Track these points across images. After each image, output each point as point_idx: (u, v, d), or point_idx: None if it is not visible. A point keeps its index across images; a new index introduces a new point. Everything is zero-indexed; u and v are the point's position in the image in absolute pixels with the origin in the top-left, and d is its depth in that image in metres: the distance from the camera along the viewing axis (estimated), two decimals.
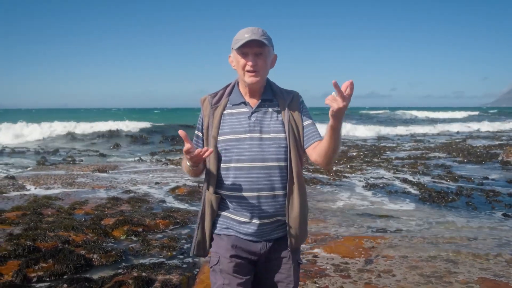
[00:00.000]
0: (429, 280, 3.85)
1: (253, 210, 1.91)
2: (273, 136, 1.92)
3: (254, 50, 1.88)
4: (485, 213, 6.52)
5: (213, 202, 1.96)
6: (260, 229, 1.94)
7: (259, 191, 1.90)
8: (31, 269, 4.01)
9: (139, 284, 3.71)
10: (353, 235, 5.24)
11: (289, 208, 1.92)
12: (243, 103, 1.97)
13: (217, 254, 1.98)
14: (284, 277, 2.00)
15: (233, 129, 1.93)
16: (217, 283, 1.97)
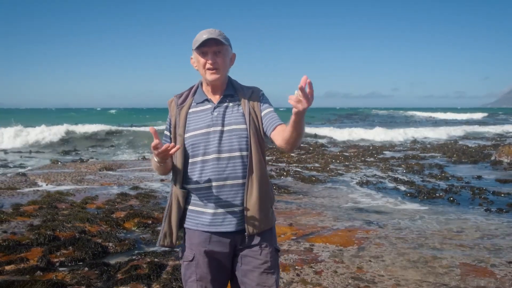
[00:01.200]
0: (415, 265, 4.25)
1: (219, 201, 1.98)
2: (234, 127, 2.00)
3: (212, 49, 1.99)
4: (470, 209, 6.92)
5: (179, 197, 2.02)
6: (228, 218, 1.99)
7: (224, 180, 1.97)
8: (54, 255, 4.41)
9: (152, 267, 4.11)
10: (347, 228, 5.64)
11: (247, 195, 1.98)
12: (206, 100, 2.08)
13: (191, 250, 2.04)
14: (260, 263, 2.03)
15: (198, 125, 2.02)
16: (191, 277, 2.03)
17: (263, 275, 2.02)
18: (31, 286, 3.59)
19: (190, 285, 2.04)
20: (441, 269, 4.15)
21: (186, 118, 2.06)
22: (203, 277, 2.02)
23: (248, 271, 2.04)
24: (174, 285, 3.78)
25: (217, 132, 1.99)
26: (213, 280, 2.04)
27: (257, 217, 1.99)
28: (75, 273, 3.97)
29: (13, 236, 4.86)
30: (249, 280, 2.03)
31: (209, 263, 2.02)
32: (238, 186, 1.99)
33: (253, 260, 2.03)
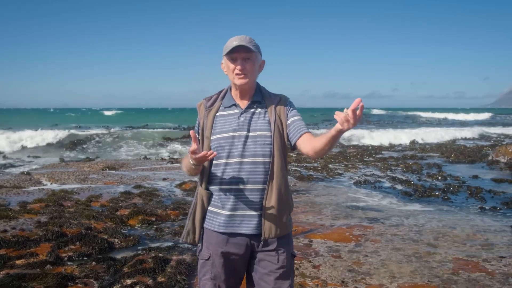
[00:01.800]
0: (410, 259, 4.42)
1: (239, 203, 2.04)
2: (259, 134, 2.06)
3: (242, 55, 2.05)
4: (465, 207, 7.08)
5: (204, 197, 2.09)
6: (246, 221, 2.05)
7: (245, 184, 2.03)
8: (62, 250, 4.58)
9: (157, 262, 4.27)
10: (345, 225, 5.81)
11: (266, 200, 2.03)
12: (234, 105, 2.13)
13: (208, 250, 2.10)
14: (275, 268, 2.08)
15: (223, 128, 2.08)
16: (206, 276, 2.11)
17: (279, 280, 2.07)
18: (42, 279, 3.76)
19: (204, 282, 2.13)
20: (434, 263, 4.32)
21: (213, 121, 2.11)
22: (217, 276, 2.09)
23: (264, 274, 2.09)
24: (179, 278, 3.94)
25: (242, 137, 2.05)
26: (226, 280, 2.10)
27: (274, 222, 2.03)
28: (83, 267, 4.14)
29: (21, 232, 5.02)
30: (265, 283, 2.09)
31: (224, 264, 2.08)
32: (258, 191, 2.04)
33: (270, 265, 2.08)
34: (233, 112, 2.11)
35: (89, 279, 3.90)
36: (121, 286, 3.73)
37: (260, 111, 2.11)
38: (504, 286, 3.74)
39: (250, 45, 2.03)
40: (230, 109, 2.13)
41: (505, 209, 6.84)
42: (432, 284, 3.79)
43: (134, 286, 3.71)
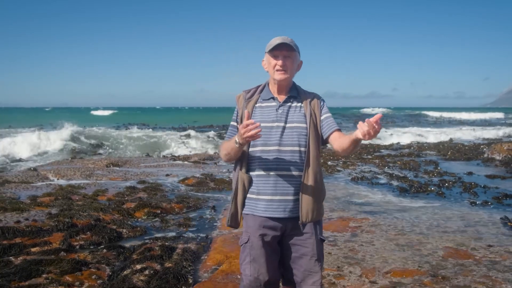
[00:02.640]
0: (402, 248, 4.69)
1: (276, 189, 2.19)
2: (296, 125, 2.24)
3: (283, 53, 2.23)
4: (458, 201, 7.32)
5: (245, 181, 2.23)
6: (284, 206, 2.19)
7: (283, 170, 2.19)
8: (74, 239, 4.84)
9: (164, 249, 4.53)
10: (342, 218, 6.08)
11: (303, 187, 2.18)
12: (272, 98, 2.30)
13: (247, 233, 2.26)
14: (308, 251, 2.23)
15: (263, 118, 2.25)
16: (245, 260, 2.26)
17: (310, 262, 2.22)
18: (57, 264, 4.02)
19: (245, 267, 2.26)
20: (425, 251, 4.58)
21: (252, 111, 2.28)
22: (256, 259, 2.21)
23: (296, 258, 2.24)
24: (185, 264, 4.21)
25: (280, 127, 2.22)
26: (267, 262, 2.22)
27: (311, 207, 2.19)
28: (95, 254, 4.41)
29: (34, 223, 5.29)
30: (298, 266, 2.24)
31: (263, 245, 2.21)
32: (295, 177, 2.19)
33: (301, 248, 2.23)
34: (271, 105, 2.29)
35: (101, 265, 4.16)
36: (132, 270, 3.99)
37: (296, 105, 2.29)
38: (490, 271, 4.00)
39: (292, 44, 2.22)
40: (268, 102, 2.30)
41: (495, 203, 7.09)
42: (422, 269, 4.05)
43: (143, 271, 3.97)
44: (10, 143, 16.49)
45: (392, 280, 3.80)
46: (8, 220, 5.32)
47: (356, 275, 3.93)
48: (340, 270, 4.05)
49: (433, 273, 3.96)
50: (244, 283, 2.27)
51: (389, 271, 4.02)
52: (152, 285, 3.65)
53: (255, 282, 2.22)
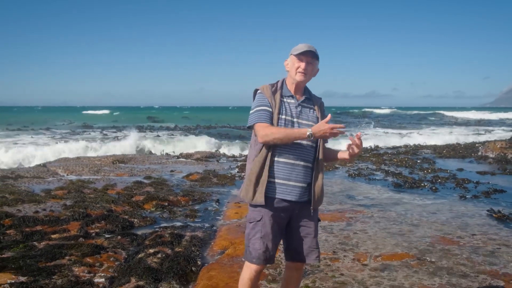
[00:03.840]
0: (393, 236, 5.08)
1: (292, 175, 2.50)
2: (311, 123, 2.55)
3: (308, 59, 2.55)
4: (449, 196, 7.70)
5: (270, 165, 2.49)
6: (297, 191, 2.50)
7: (299, 161, 2.51)
8: (90, 227, 5.23)
9: (173, 236, 4.93)
10: (338, 210, 6.47)
11: (314, 177, 2.55)
12: (291, 96, 2.60)
13: (260, 212, 2.52)
14: (311, 230, 2.61)
15: (288, 112, 2.55)
16: (256, 235, 2.53)
17: (314, 241, 2.61)
18: (78, 248, 4.41)
19: (254, 241, 2.53)
20: (414, 238, 4.98)
21: (280, 103, 2.55)
22: (266, 235, 2.51)
23: (301, 237, 2.59)
24: (193, 249, 4.60)
25: (300, 123, 2.55)
26: (273, 238, 2.53)
27: (320, 195, 2.56)
28: (110, 240, 4.80)
29: (51, 213, 5.68)
30: (303, 244, 2.59)
31: (272, 224, 2.52)
32: (308, 168, 2.54)
33: (306, 229, 2.59)
34: (291, 101, 2.59)
35: (117, 249, 4.56)
36: (145, 254, 4.38)
37: (310, 106, 2.64)
38: (471, 255, 4.40)
39: (316, 53, 2.56)
40: (289, 98, 2.60)
41: (484, 197, 7.48)
42: (410, 253, 4.45)
43: (156, 254, 4.36)
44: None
45: (382, 263, 4.20)
46: (27, 211, 5.71)
47: (349, 259, 4.32)
48: (335, 254, 4.44)
49: (420, 256, 4.35)
50: (252, 255, 2.54)
51: (380, 255, 4.42)
52: (165, 266, 4.04)
53: (263, 255, 2.51)
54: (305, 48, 2.53)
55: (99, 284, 3.67)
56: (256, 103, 2.57)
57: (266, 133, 2.42)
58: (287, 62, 2.64)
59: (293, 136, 2.43)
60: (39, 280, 3.57)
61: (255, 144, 2.56)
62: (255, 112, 2.53)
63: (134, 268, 3.95)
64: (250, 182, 2.48)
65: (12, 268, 3.77)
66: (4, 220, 5.26)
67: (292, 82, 2.61)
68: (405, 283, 3.69)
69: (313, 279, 3.78)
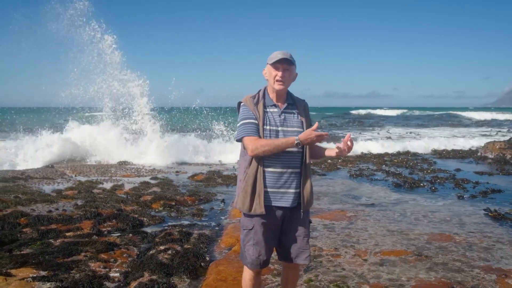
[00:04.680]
0: (392, 233, 5.30)
1: (281, 182, 2.58)
2: (296, 129, 2.62)
3: (284, 66, 2.58)
4: (448, 195, 7.92)
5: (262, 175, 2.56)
6: (287, 197, 2.59)
7: (287, 168, 2.58)
8: (102, 226, 5.47)
9: (182, 234, 5.15)
10: (340, 209, 6.69)
11: (302, 182, 2.62)
12: (274, 105, 2.65)
13: (252, 221, 2.62)
14: (302, 232, 2.69)
15: (271, 122, 2.60)
16: (249, 242, 2.65)
17: (303, 241, 2.70)
18: (92, 245, 4.64)
19: (248, 248, 2.67)
20: (412, 236, 5.20)
21: (264, 114, 2.60)
22: (259, 243, 2.64)
23: (292, 239, 2.69)
24: (202, 246, 4.83)
25: (283, 131, 2.60)
26: (266, 244, 2.65)
27: (308, 198, 2.63)
28: (122, 238, 5.03)
29: (64, 212, 5.92)
30: (293, 245, 2.69)
31: (264, 232, 2.62)
32: (296, 174, 2.61)
33: (297, 231, 2.68)
34: (274, 110, 2.65)
35: (129, 246, 4.79)
36: (156, 250, 4.61)
37: (293, 112, 2.69)
38: (467, 251, 4.62)
39: (291, 59, 2.59)
40: (272, 108, 2.65)
41: (481, 197, 7.70)
42: (409, 250, 4.67)
43: (166, 251, 4.59)
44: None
45: (381, 258, 4.42)
46: (40, 210, 5.96)
47: (350, 255, 4.54)
48: (337, 251, 4.66)
49: (418, 253, 4.57)
50: (247, 260, 2.71)
51: (379, 251, 4.64)
52: (176, 262, 4.26)
53: (256, 260, 2.66)
54: (280, 56, 2.56)
55: (114, 278, 3.91)
56: (241, 116, 2.64)
57: (256, 146, 2.50)
58: (265, 71, 2.68)
59: (281, 146, 2.51)
60: (58, 274, 3.80)
61: (244, 155, 2.64)
62: (242, 125, 2.60)
63: (146, 263, 4.18)
64: (246, 194, 2.56)
65: (32, 263, 4.00)
66: (20, 219, 5.50)
67: (273, 90, 2.66)
68: (403, 277, 3.92)
69: (316, 274, 4.01)
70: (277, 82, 2.60)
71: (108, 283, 3.80)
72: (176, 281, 3.92)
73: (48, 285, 3.57)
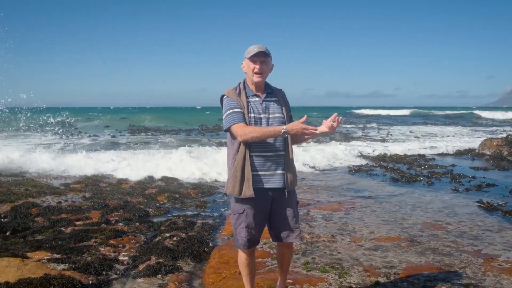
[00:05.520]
0: (387, 222, 5.55)
1: (267, 165, 2.75)
2: (277, 115, 2.80)
3: (260, 59, 2.74)
4: (443, 189, 8.15)
5: (249, 160, 2.71)
6: (273, 179, 2.75)
7: (272, 152, 2.75)
8: (109, 215, 5.73)
9: (186, 223, 5.41)
10: (338, 201, 6.94)
11: (285, 163, 2.78)
12: (255, 95, 2.83)
13: (242, 205, 2.77)
14: (290, 212, 2.85)
15: (255, 110, 2.78)
16: (241, 225, 2.81)
17: (293, 221, 2.86)
18: (102, 232, 4.90)
19: (239, 231, 2.82)
20: (406, 225, 5.45)
21: (248, 103, 2.78)
22: (249, 225, 2.79)
23: (282, 219, 2.85)
24: (205, 233, 5.08)
25: (266, 118, 2.79)
26: (256, 225, 2.82)
27: (292, 178, 2.80)
28: (129, 226, 5.29)
29: (73, 203, 6.19)
30: (284, 225, 2.85)
31: (254, 215, 2.78)
32: (281, 156, 2.77)
33: (285, 211, 2.84)
34: (256, 100, 2.83)
35: (136, 233, 5.05)
36: (162, 237, 4.87)
37: (273, 100, 2.88)
38: (457, 238, 4.86)
39: (267, 52, 2.77)
40: (253, 97, 2.84)
41: (475, 190, 7.92)
42: (402, 236, 4.91)
43: (172, 238, 4.85)
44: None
45: (375, 244, 4.67)
46: (50, 201, 6.22)
47: (346, 241, 4.79)
48: (333, 238, 4.91)
49: (410, 239, 4.82)
50: (239, 242, 2.88)
51: (374, 238, 4.89)
52: (181, 247, 4.52)
53: (248, 242, 2.84)
54: (256, 50, 2.72)
55: (123, 261, 4.16)
56: (227, 106, 2.78)
57: (244, 132, 2.64)
58: (243, 65, 2.84)
59: (269, 134, 2.66)
60: (71, 257, 4.05)
61: (232, 144, 2.79)
62: (229, 115, 2.74)
63: (153, 248, 4.44)
64: (236, 178, 2.70)
65: (46, 247, 4.26)
66: (31, 209, 5.77)
67: (252, 82, 2.83)
68: (395, 260, 4.16)
69: (313, 257, 4.25)
70: (255, 75, 2.77)
71: (118, 265, 4.06)
72: (181, 264, 4.17)
73: (62, 266, 3.82)
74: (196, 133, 24.35)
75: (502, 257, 4.25)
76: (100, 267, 3.89)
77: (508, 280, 3.67)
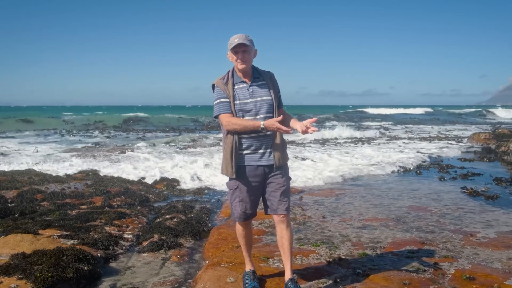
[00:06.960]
0: (375, 206, 5.87)
1: (257, 145, 2.93)
2: (264, 98, 2.94)
3: (242, 49, 2.86)
4: (430, 177, 8.51)
5: (238, 142, 2.92)
6: (263, 157, 2.95)
7: (259, 132, 2.89)
8: (112, 200, 6.00)
9: (185, 207, 5.70)
10: (330, 188, 7.26)
11: (273, 141, 2.96)
12: (242, 82, 2.96)
13: (236, 181, 2.97)
14: (280, 186, 2.99)
15: (241, 96, 2.94)
16: (236, 200, 3.01)
17: (283, 194, 3.00)
18: (105, 214, 5.17)
19: (235, 205, 3.03)
20: (393, 208, 5.77)
21: (233, 92, 2.94)
22: (244, 199, 2.99)
23: (272, 191, 3.00)
24: (203, 216, 5.38)
25: (253, 102, 2.94)
26: (250, 199, 3.01)
27: (280, 155, 2.97)
28: (132, 209, 5.57)
29: (76, 190, 6.45)
30: (273, 197, 3.00)
31: (248, 189, 2.98)
32: (268, 137, 2.95)
33: (276, 185, 2.99)
34: (243, 86, 2.97)
35: (139, 216, 5.33)
36: (163, 218, 5.15)
37: (261, 83, 3.00)
38: (440, 219, 5.19)
39: (246, 41, 2.86)
40: (240, 84, 2.98)
41: (461, 179, 8.28)
42: (389, 217, 5.24)
43: (172, 219, 5.13)
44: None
45: (364, 224, 4.98)
46: (54, 188, 6.48)
47: (337, 221, 5.11)
48: (325, 219, 5.22)
49: (396, 219, 5.14)
50: (235, 215, 3.10)
51: (363, 219, 5.21)
52: (181, 227, 4.81)
53: (243, 215, 3.05)
54: (236, 42, 2.86)
55: (128, 239, 4.45)
56: (216, 96, 2.98)
57: (228, 123, 2.89)
58: (229, 55, 2.98)
59: (249, 128, 2.85)
60: (79, 234, 4.33)
61: (223, 128, 3.01)
62: (218, 104, 2.95)
63: (155, 227, 4.73)
64: (227, 160, 2.94)
65: (56, 225, 4.53)
66: (37, 195, 6.03)
67: (238, 70, 2.98)
68: (381, 236, 4.48)
69: (305, 234, 4.56)
70: (239, 63, 2.92)
71: (123, 242, 4.34)
72: (183, 241, 4.47)
73: (72, 242, 4.09)
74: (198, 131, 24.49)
75: (481, 234, 4.58)
76: (107, 242, 4.17)
77: (484, 252, 4.00)
